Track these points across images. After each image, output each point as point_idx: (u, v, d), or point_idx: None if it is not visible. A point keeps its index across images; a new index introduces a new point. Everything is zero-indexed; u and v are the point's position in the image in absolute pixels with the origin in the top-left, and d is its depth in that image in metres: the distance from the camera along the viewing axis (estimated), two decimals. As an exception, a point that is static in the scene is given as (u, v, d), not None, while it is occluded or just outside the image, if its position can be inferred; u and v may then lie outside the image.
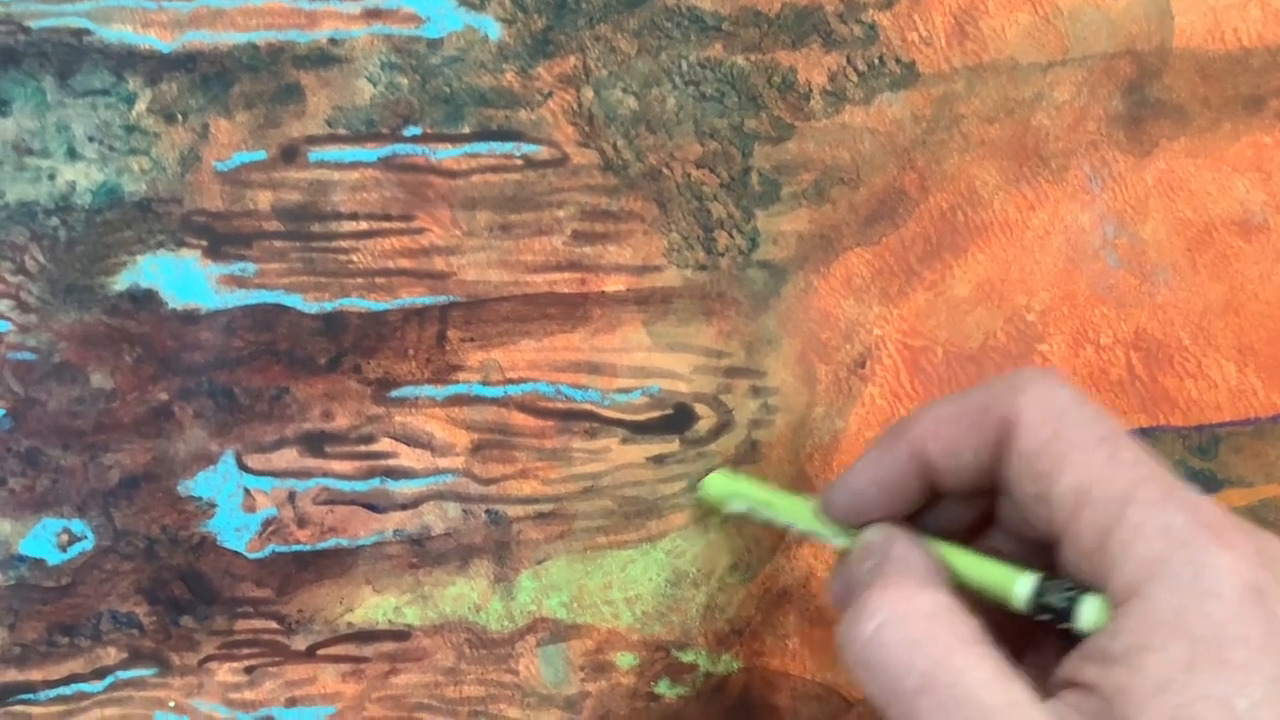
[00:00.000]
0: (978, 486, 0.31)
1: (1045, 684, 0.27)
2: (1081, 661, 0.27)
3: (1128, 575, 0.26)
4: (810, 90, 0.37)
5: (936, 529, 0.31)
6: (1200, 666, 0.25)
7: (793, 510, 0.34)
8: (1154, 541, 0.26)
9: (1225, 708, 0.25)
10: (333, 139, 0.36)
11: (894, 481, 0.31)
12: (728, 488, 0.36)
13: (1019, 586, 0.29)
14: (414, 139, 0.36)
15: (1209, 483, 0.39)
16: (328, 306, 0.36)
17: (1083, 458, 0.28)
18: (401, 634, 0.36)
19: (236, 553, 0.36)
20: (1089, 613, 0.28)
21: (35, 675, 0.35)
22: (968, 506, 0.32)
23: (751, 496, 0.35)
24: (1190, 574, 0.26)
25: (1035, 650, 0.30)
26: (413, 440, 0.36)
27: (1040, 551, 0.30)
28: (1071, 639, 0.28)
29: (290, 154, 0.35)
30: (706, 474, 0.37)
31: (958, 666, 0.27)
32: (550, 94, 0.36)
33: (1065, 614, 0.28)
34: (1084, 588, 0.28)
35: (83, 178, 0.35)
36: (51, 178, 0.35)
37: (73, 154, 0.35)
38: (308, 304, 0.36)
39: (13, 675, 0.35)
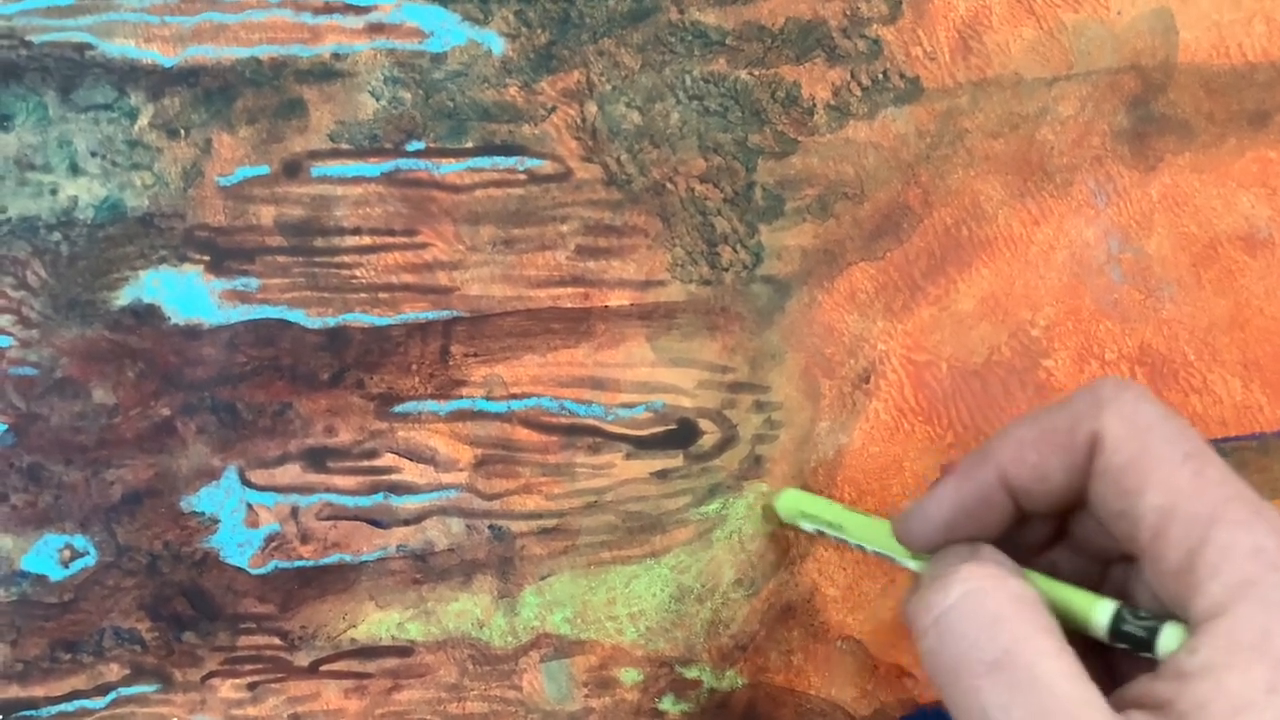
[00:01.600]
0: (1061, 506, 0.30)
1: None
2: (1152, 679, 0.26)
3: (1214, 596, 0.26)
4: (814, 105, 0.37)
5: (1008, 548, 0.31)
6: None
7: (866, 532, 0.34)
8: (1243, 563, 0.26)
9: None
10: (336, 154, 0.35)
11: (978, 510, 0.30)
12: (799, 506, 0.36)
13: (1098, 613, 0.29)
14: (417, 154, 0.36)
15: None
16: (331, 322, 0.36)
17: (1168, 474, 0.27)
18: (405, 650, 0.36)
19: (239, 568, 0.35)
20: (1169, 640, 0.27)
21: (37, 692, 0.35)
22: (1043, 525, 0.31)
23: (823, 517, 0.35)
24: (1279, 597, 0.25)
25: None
26: (416, 455, 0.36)
27: (1107, 569, 0.30)
28: (1126, 669, 0.28)
29: (293, 169, 0.35)
30: (779, 491, 0.36)
31: (1040, 650, 0.26)
32: (554, 108, 0.36)
33: (1143, 643, 0.28)
34: (1162, 616, 0.28)
35: (85, 193, 0.35)
36: (54, 193, 0.35)
37: (75, 169, 0.35)
38: (310, 319, 0.35)
39: (15, 692, 0.35)
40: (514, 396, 0.36)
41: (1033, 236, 0.38)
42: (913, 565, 0.32)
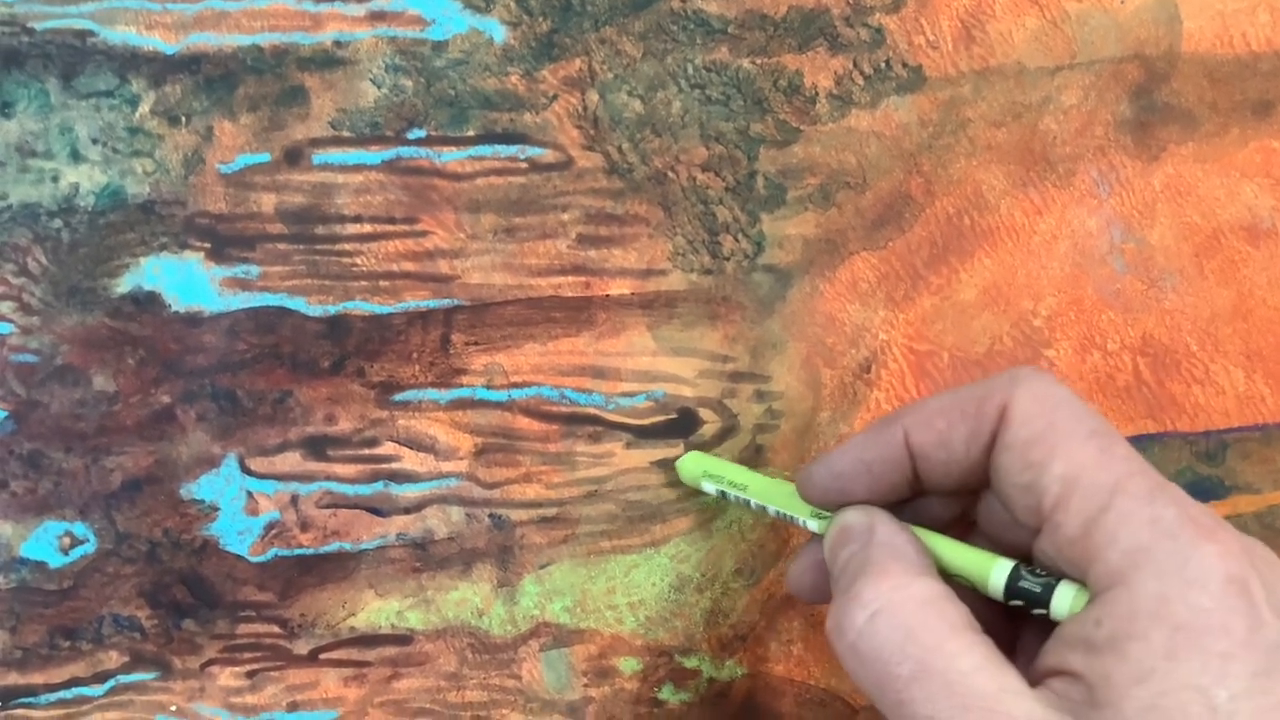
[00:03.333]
0: (962, 483, 0.31)
1: (1028, 672, 0.27)
2: (1064, 649, 0.27)
3: (1112, 563, 0.27)
4: (816, 94, 0.37)
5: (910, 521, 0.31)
6: (1182, 655, 0.25)
7: (767, 491, 0.34)
8: (1140, 531, 0.26)
9: (1205, 698, 0.25)
10: (337, 141, 0.35)
11: (881, 467, 0.31)
12: (701, 467, 0.36)
13: (995, 572, 0.29)
14: (418, 142, 0.36)
15: (1216, 489, 0.39)
16: (331, 310, 0.36)
17: (1075, 447, 0.28)
18: (404, 638, 0.36)
19: (239, 556, 0.35)
20: (1064, 599, 0.28)
21: (36, 679, 0.35)
22: (944, 507, 0.32)
23: (725, 477, 0.35)
24: (1176, 564, 0.26)
25: (1017, 640, 0.31)
26: (416, 444, 0.36)
27: (1015, 556, 0.30)
28: (1049, 629, 0.28)
29: (294, 156, 0.35)
30: (682, 454, 0.36)
31: (950, 653, 0.27)
32: (555, 97, 0.36)
33: (1040, 600, 0.28)
34: (1059, 576, 0.28)
35: (86, 180, 0.35)
36: (55, 179, 0.35)
37: (76, 156, 0.35)
38: (311, 307, 0.35)
39: (14, 679, 0.35)
40: (514, 385, 0.36)
41: (1035, 226, 0.38)
42: (814, 526, 0.33)
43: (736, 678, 0.37)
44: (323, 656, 0.36)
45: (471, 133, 0.36)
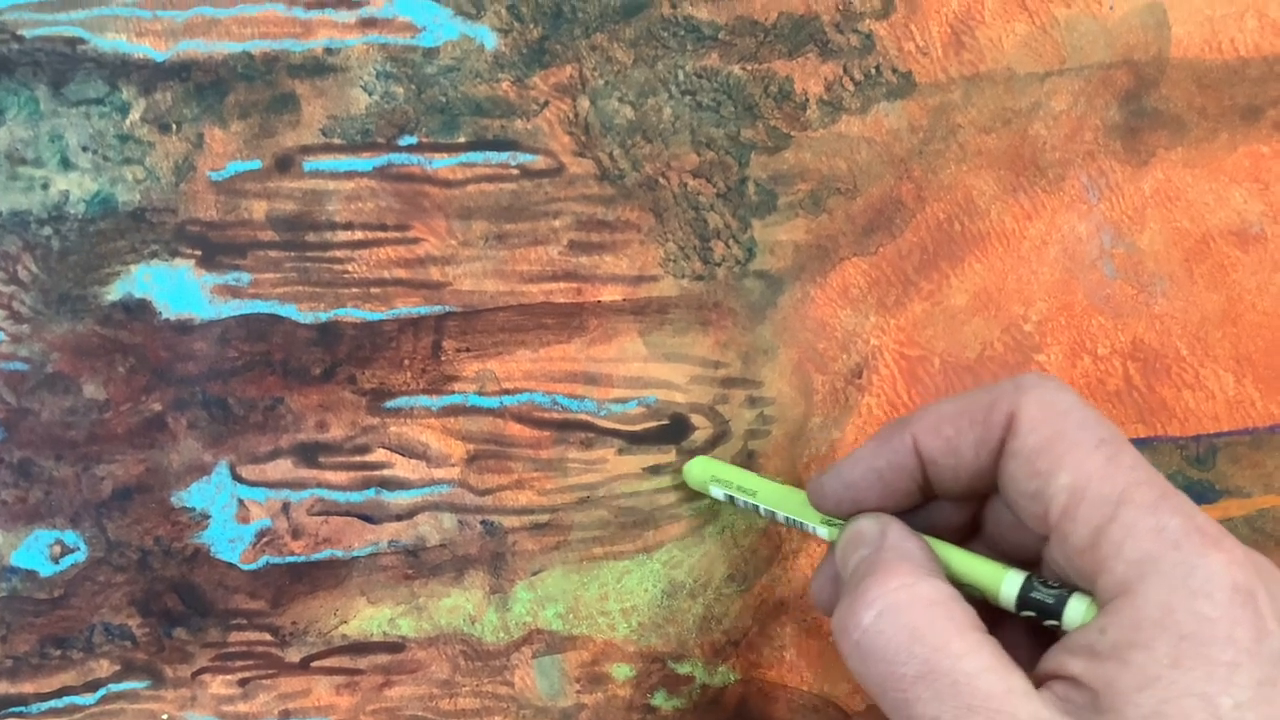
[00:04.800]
0: (971, 489, 0.31)
1: (1029, 677, 0.27)
2: (1068, 655, 0.27)
3: (1118, 573, 0.27)
4: (807, 100, 0.37)
5: (922, 532, 0.31)
6: (1186, 664, 0.25)
7: (777, 497, 0.34)
8: (1146, 541, 0.27)
9: (1209, 706, 0.25)
10: (328, 149, 0.35)
11: (890, 476, 0.31)
12: (709, 472, 0.36)
13: (1007, 583, 0.29)
14: (409, 148, 0.36)
15: (1207, 493, 0.39)
16: (322, 316, 0.35)
17: (1082, 457, 0.28)
18: (396, 646, 0.36)
19: (230, 564, 0.35)
20: (1076, 611, 0.28)
21: (27, 688, 0.35)
22: (954, 512, 0.32)
23: (734, 482, 0.35)
24: (1181, 574, 0.26)
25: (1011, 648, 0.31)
26: (408, 451, 0.36)
27: (1020, 565, 0.30)
28: (1046, 637, 0.28)
29: (285, 164, 0.35)
30: (690, 458, 0.37)
31: (956, 653, 0.27)
32: (546, 103, 0.36)
33: (1052, 611, 0.28)
34: (1070, 587, 0.28)
35: (76, 187, 0.35)
36: (45, 187, 0.34)
37: (66, 163, 0.35)
38: (302, 314, 0.35)
39: (4, 688, 0.35)
40: (506, 392, 0.36)
41: (1025, 231, 0.38)
42: (824, 533, 0.33)
43: (729, 683, 0.37)
44: (314, 664, 0.36)
45: (463, 139, 0.36)
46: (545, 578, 0.36)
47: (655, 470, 0.37)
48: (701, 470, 0.36)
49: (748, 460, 0.37)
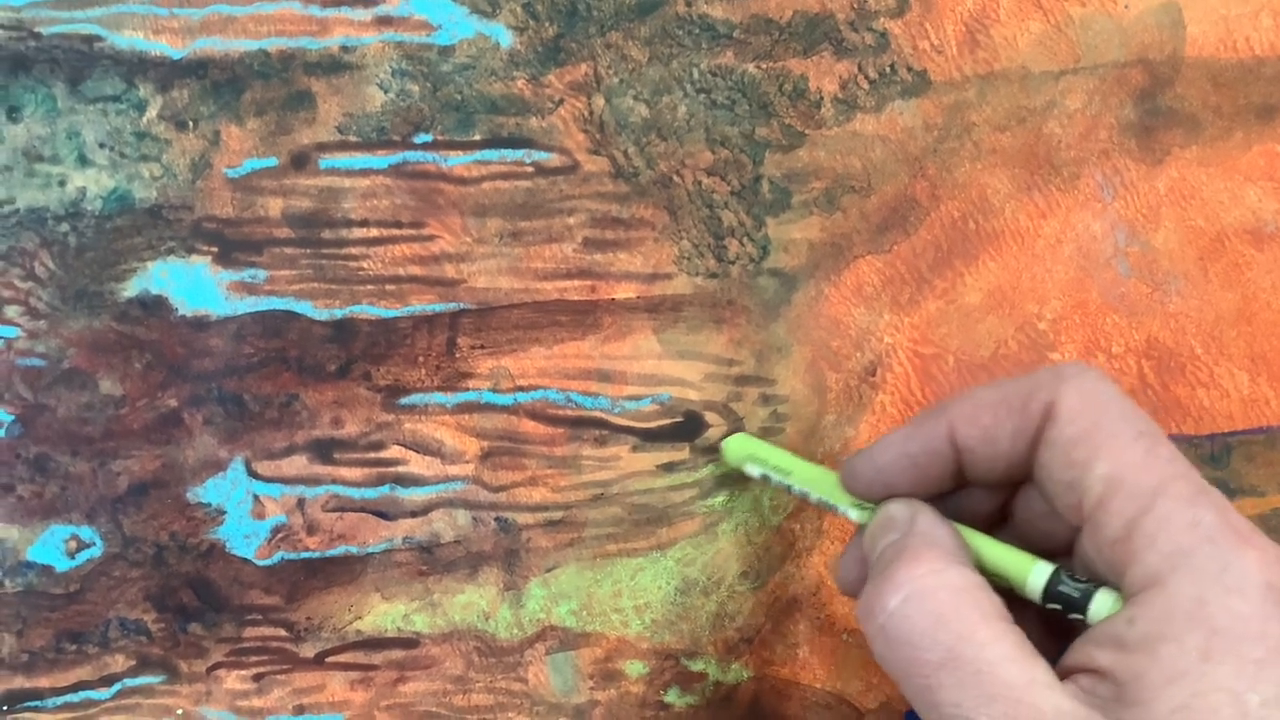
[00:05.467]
0: (1005, 477, 0.31)
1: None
2: (1093, 646, 0.27)
3: (1150, 565, 0.27)
4: (821, 98, 0.37)
5: (950, 518, 0.31)
6: (1216, 658, 0.25)
7: (811, 478, 0.34)
8: (1181, 534, 0.26)
9: (1237, 702, 0.25)
10: (344, 146, 0.36)
11: (924, 461, 0.31)
12: (747, 450, 0.36)
13: (1034, 574, 0.29)
14: (425, 146, 0.36)
15: (1221, 492, 0.39)
16: (338, 313, 0.36)
17: (1120, 448, 0.28)
18: (410, 642, 0.36)
19: (245, 560, 0.35)
20: (1102, 605, 0.28)
21: (43, 682, 0.35)
22: (984, 499, 0.32)
23: (770, 461, 0.35)
24: (1215, 568, 0.26)
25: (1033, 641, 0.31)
26: (422, 447, 0.36)
27: (1047, 555, 0.30)
28: (1067, 633, 0.28)
29: (301, 161, 0.35)
30: (730, 434, 0.36)
31: (981, 641, 0.27)
32: (561, 101, 0.36)
33: (1078, 605, 0.28)
34: (1098, 582, 0.28)
35: (93, 184, 0.35)
36: (62, 184, 0.35)
37: (83, 160, 0.35)
38: (318, 311, 0.36)
39: (20, 682, 0.35)
40: (520, 389, 0.36)
41: (1040, 230, 0.38)
42: (855, 516, 0.33)
43: (742, 681, 0.37)
44: (329, 660, 0.36)
45: (478, 137, 0.36)
46: (559, 574, 0.37)
47: (669, 467, 0.37)
48: (739, 447, 0.36)
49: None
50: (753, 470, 0.35)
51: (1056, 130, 0.38)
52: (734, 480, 0.37)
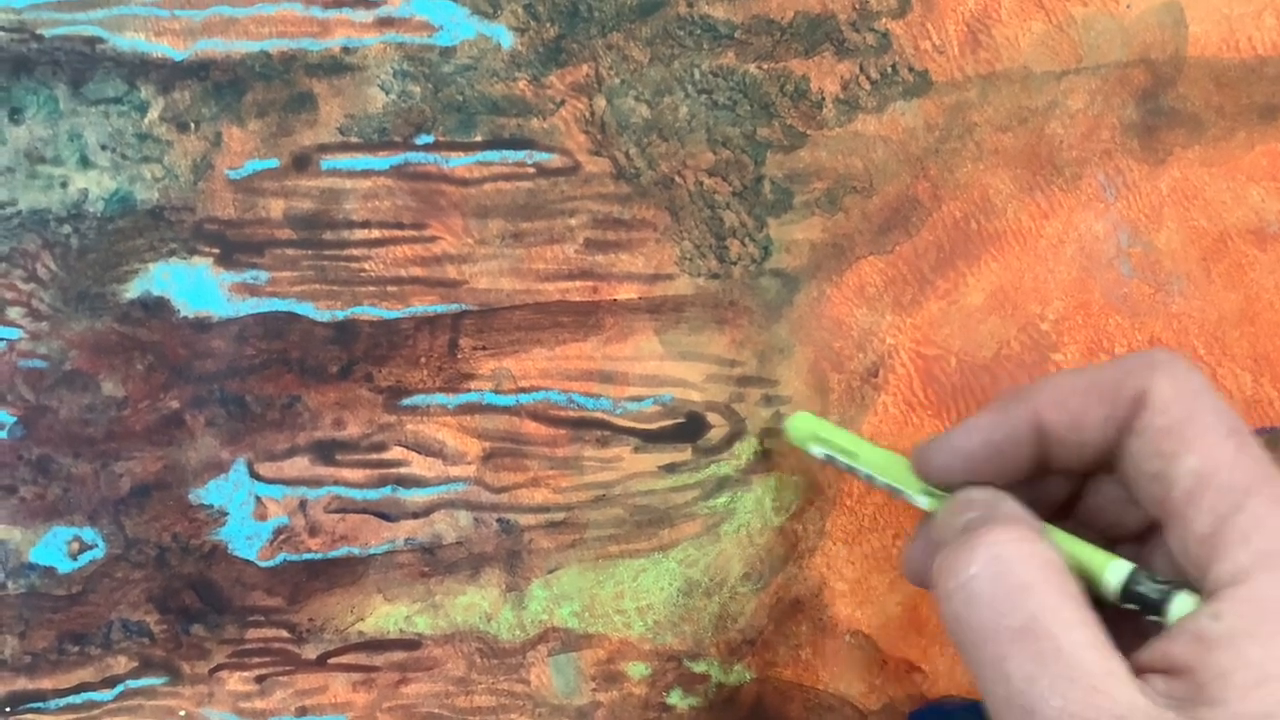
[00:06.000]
0: (1089, 465, 0.30)
1: None
2: (1171, 644, 0.26)
3: (1240, 563, 0.26)
4: (823, 98, 0.37)
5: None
6: None
7: (878, 462, 0.33)
8: (1274, 535, 0.26)
9: None
10: (345, 147, 0.36)
11: (1006, 448, 0.30)
12: (812, 429, 0.35)
13: (1112, 571, 0.29)
14: (426, 147, 0.36)
15: None
16: (339, 315, 0.36)
17: (1212, 443, 0.27)
18: (412, 643, 0.36)
19: (247, 561, 0.35)
20: (1183, 606, 0.27)
21: (45, 684, 0.35)
22: (1058, 487, 0.31)
23: (835, 442, 0.34)
24: None
25: None
26: (424, 449, 0.36)
27: (1114, 548, 0.29)
28: (1134, 640, 0.28)
29: (302, 162, 0.35)
30: (791, 414, 0.36)
31: (1067, 620, 0.26)
32: (562, 102, 0.36)
33: (1155, 606, 0.28)
34: (1178, 583, 0.28)
35: (95, 185, 0.35)
36: (64, 185, 0.35)
37: (85, 162, 0.35)
38: (319, 312, 0.36)
39: (23, 684, 0.35)
40: (522, 390, 0.36)
41: (1042, 230, 0.38)
42: (924, 503, 0.32)
43: (745, 682, 0.37)
44: (331, 661, 0.36)
45: (479, 138, 0.36)
46: (561, 576, 0.37)
47: (671, 468, 0.37)
48: (804, 425, 0.35)
49: (763, 458, 0.37)
50: (817, 451, 0.35)
51: (1059, 130, 0.38)
52: (736, 481, 0.37)
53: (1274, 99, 0.38)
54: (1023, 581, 0.26)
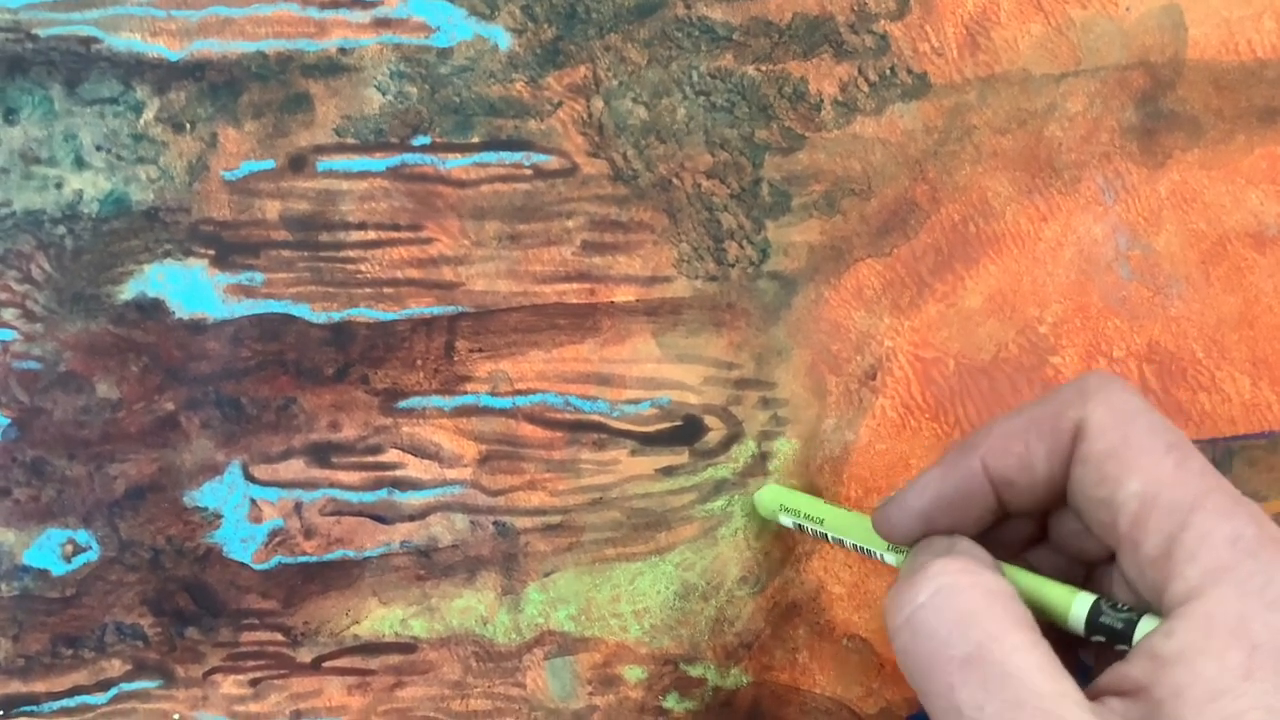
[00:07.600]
0: (1044, 503, 0.30)
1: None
2: (1128, 665, 0.26)
3: (1191, 580, 0.26)
4: (821, 101, 0.37)
5: (988, 548, 0.31)
6: (1259, 676, 0.25)
7: (845, 525, 0.34)
8: (1221, 549, 0.26)
9: None
10: (341, 148, 0.35)
11: (958, 500, 0.30)
12: (778, 500, 0.36)
13: (1076, 606, 0.29)
14: (423, 149, 0.36)
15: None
16: (335, 316, 0.35)
17: (1151, 463, 0.27)
18: (408, 646, 0.36)
19: (242, 564, 0.35)
20: (1144, 632, 0.27)
21: (39, 687, 0.35)
22: (1021, 526, 0.31)
23: (802, 510, 0.35)
24: (1259, 583, 0.25)
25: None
26: (420, 451, 0.36)
27: (1089, 572, 0.29)
28: (1101, 665, 0.28)
29: (299, 163, 0.35)
30: (759, 487, 0.37)
31: (1013, 645, 0.26)
32: (560, 104, 0.36)
33: (1122, 635, 0.28)
34: (1140, 610, 0.28)
35: (90, 186, 0.35)
36: (59, 186, 0.35)
37: (80, 163, 0.35)
38: (315, 314, 0.35)
39: (16, 687, 0.35)
40: (519, 392, 0.36)
41: (1041, 233, 0.38)
42: (891, 560, 0.32)
43: (741, 686, 0.37)
44: (326, 665, 0.36)
45: (476, 139, 0.36)
46: (557, 579, 0.36)
47: (668, 471, 0.37)
48: (771, 498, 0.36)
49: (761, 461, 0.37)
50: (786, 520, 0.36)
51: (1057, 133, 0.38)
52: (732, 484, 0.37)
53: (1273, 102, 0.38)
54: (968, 610, 0.27)
